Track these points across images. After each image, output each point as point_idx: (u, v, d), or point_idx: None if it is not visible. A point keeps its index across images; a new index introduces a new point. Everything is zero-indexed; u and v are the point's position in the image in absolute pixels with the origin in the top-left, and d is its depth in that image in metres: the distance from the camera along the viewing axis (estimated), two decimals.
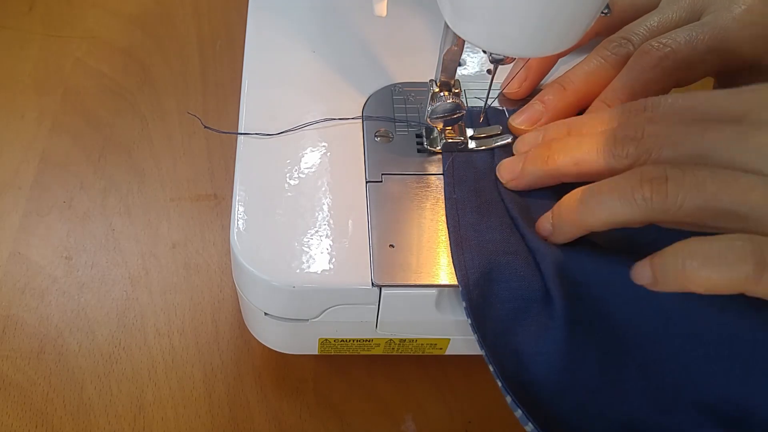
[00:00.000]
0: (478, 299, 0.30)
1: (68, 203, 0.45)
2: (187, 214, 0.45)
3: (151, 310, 0.41)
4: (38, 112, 0.50)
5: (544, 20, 0.26)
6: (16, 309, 0.40)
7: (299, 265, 0.31)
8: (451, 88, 0.34)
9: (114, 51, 0.54)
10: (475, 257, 0.31)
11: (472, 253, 0.31)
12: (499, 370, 0.29)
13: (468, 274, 0.30)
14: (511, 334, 0.30)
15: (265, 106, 0.37)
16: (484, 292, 0.30)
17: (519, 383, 0.29)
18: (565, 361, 0.29)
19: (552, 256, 0.30)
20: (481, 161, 0.35)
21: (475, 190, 0.33)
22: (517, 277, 0.30)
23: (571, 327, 0.29)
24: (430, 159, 0.35)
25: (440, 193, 0.34)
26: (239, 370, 0.39)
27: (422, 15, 0.43)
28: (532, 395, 0.29)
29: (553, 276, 0.29)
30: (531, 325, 0.30)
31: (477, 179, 0.34)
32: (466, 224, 0.32)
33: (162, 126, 0.49)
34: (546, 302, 0.30)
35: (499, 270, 0.31)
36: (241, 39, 0.40)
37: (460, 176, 0.34)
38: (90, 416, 0.37)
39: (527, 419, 0.28)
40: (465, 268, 0.31)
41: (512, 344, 0.30)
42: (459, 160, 0.35)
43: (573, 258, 0.30)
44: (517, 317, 0.30)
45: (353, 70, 0.39)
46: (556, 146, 0.31)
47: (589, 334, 0.29)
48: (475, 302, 0.30)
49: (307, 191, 0.34)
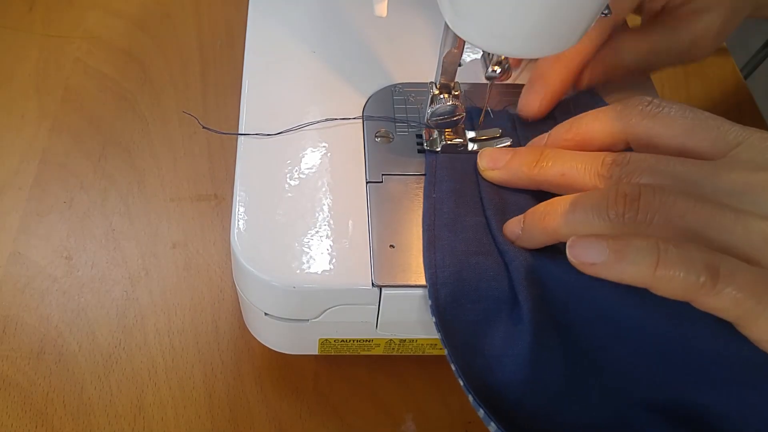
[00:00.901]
0: (446, 298, 0.30)
1: (68, 203, 0.45)
2: (187, 214, 0.45)
3: (151, 310, 0.41)
4: (38, 112, 0.50)
5: (545, 20, 0.26)
6: (16, 309, 0.40)
7: (299, 265, 0.31)
8: (451, 90, 0.34)
9: (114, 51, 0.54)
10: (446, 257, 0.31)
11: (443, 253, 0.31)
12: (463, 370, 0.29)
13: (437, 272, 0.31)
14: (481, 335, 0.30)
15: (265, 106, 0.37)
16: (453, 292, 0.30)
17: (485, 384, 0.30)
18: (530, 364, 0.29)
19: (519, 259, 0.30)
20: (463, 163, 0.35)
21: (454, 191, 0.33)
22: (488, 278, 0.30)
23: (538, 330, 0.29)
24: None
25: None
26: (239, 370, 0.39)
27: (422, 15, 0.43)
28: (497, 396, 0.30)
29: (521, 279, 0.30)
30: (500, 327, 0.30)
31: (458, 180, 0.34)
32: (440, 224, 0.32)
33: (162, 126, 0.49)
34: (515, 304, 0.30)
35: (470, 270, 0.31)
36: (241, 39, 0.40)
37: (441, 176, 0.34)
38: (90, 416, 0.37)
39: (489, 419, 0.28)
40: (434, 267, 0.31)
41: (480, 345, 0.30)
42: (442, 160, 0.35)
43: (539, 262, 0.30)
44: (487, 318, 0.30)
45: (353, 70, 0.39)
46: (547, 154, 0.31)
47: (553, 339, 0.30)
48: (443, 301, 0.30)
49: (308, 191, 0.34)
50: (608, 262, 0.25)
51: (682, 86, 0.55)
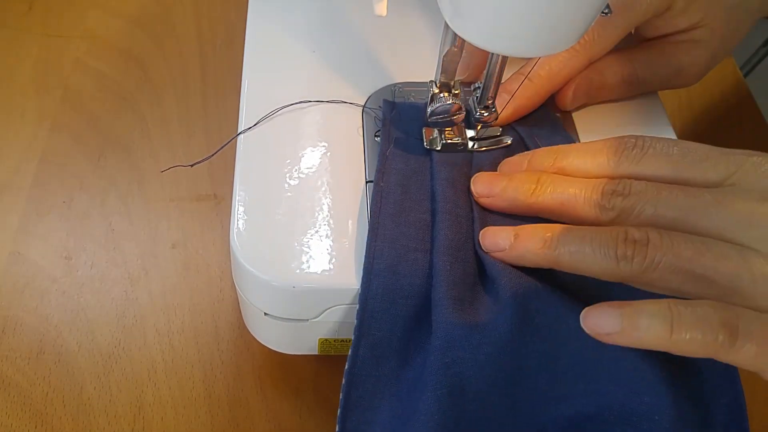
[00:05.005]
0: (377, 289, 0.30)
1: (68, 203, 0.45)
2: (187, 214, 0.45)
3: (150, 310, 0.41)
4: (38, 111, 0.50)
5: (545, 19, 0.26)
6: (16, 309, 0.40)
7: (299, 265, 0.31)
8: (451, 89, 0.34)
9: (114, 51, 0.54)
10: (385, 247, 0.31)
11: (384, 242, 0.31)
12: (362, 362, 0.30)
13: (374, 261, 0.30)
14: (407, 331, 0.30)
15: (265, 106, 0.37)
16: (386, 284, 0.30)
17: (398, 377, 0.30)
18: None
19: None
20: (413, 161, 0.34)
21: (403, 185, 0.33)
22: (425, 276, 0.30)
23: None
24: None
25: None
26: (239, 371, 0.39)
27: (422, 15, 0.43)
28: (409, 385, 0.30)
29: (457, 280, 0.30)
30: (427, 325, 0.30)
31: (408, 174, 0.34)
32: (386, 213, 0.32)
33: (162, 126, 0.49)
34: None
35: (406, 265, 0.31)
36: (241, 39, 0.40)
37: (392, 166, 0.34)
38: (89, 416, 0.37)
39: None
40: (372, 256, 0.31)
41: (404, 341, 0.30)
42: (396, 151, 0.35)
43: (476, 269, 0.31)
44: (417, 315, 0.30)
45: (353, 70, 0.39)
46: (544, 181, 0.31)
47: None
48: (373, 292, 0.30)
49: (307, 191, 0.34)
50: (623, 332, 0.25)
51: None
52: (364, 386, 0.30)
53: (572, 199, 0.30)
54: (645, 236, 0.27)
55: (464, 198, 0.33)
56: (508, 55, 0.30)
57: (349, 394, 0.30)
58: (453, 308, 0.29)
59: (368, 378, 0.30)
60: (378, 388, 0.30)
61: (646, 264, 0.26)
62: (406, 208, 0.32)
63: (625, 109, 0.39)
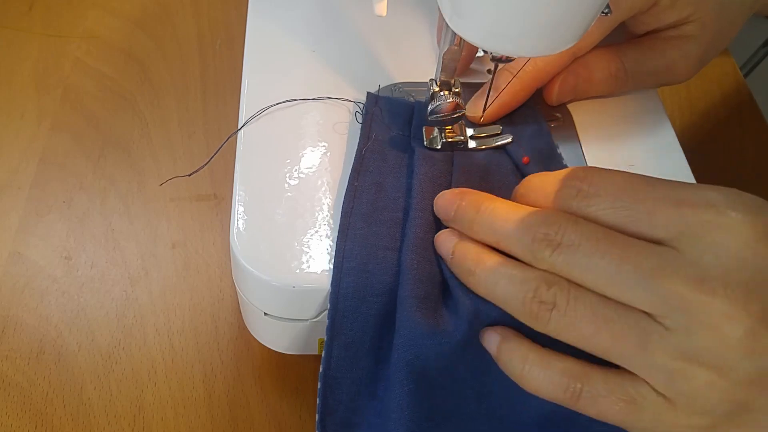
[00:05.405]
0: (347, 288, 0.30)
1: (68, 203, 0.45)
2: (187, 214, 0.45)
3: (150, 310, 0.41)
4: (38, 111, 0.50)
5: (544, 19, 0.26)
6: (16, 309, 0.40)
7: (299, 265, 0.31)
8: (451, 87, 0.34)
9: (114, 51, 0.54)
10: (355, 247, 0.31)
11: (353, 242, 0.31)
12: (336, 362, 0.31)
13: (343, 261, 0.30)
14: (378, 329, 0.31)
15: (264, 106, 0.37)
16: (356, 283, 0.30)
17: (374, 375, 0.31)
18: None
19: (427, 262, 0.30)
20: (393, 157, 0.34)
21: (378, 183, 0.33)
22: (395, 273, 0.30)
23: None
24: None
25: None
26: (239, 371, 0.39)
27: (422, 15, 0.43)
28: (386, 383, 0.30)
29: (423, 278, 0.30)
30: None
31: (386, 171, 0.34)
32: (357, 213, 0.32)
33: (162, 126, 0.49)
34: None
35: (377, 263, 0.31)
36: (241, 39, 0.40)
37: (367, 166, 0.34)
38: (89, 416, 0.37)
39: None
40: (342, 256, 0.31)
41: (375, 340, 0.31)
42: (371, 151, 0.34)
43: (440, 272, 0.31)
44: (387, 313, 0.30)
45: (353, 69, 0.39)
46: (480, 221, 0.29)
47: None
48: (343, 291, 0.30)
49: (307, 191, 0.34)
50: (495, 355, 0.29)
51: (682, 85, 0.55)
52: (340, 388, 0.30)
53: (505, 239, 0.28)
54: (553, 300, 0.26)
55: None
56: (508, 54, 0.30)
57: (326, 398, 0.30)
58: (416, 306, 0.29)
59: (344, 380, 0.31)
60: (356, 389, 0.31)
61: (549, 327, 0.27)
62: (380, 207, 0.32)
63: (625, 109, 0.39)
